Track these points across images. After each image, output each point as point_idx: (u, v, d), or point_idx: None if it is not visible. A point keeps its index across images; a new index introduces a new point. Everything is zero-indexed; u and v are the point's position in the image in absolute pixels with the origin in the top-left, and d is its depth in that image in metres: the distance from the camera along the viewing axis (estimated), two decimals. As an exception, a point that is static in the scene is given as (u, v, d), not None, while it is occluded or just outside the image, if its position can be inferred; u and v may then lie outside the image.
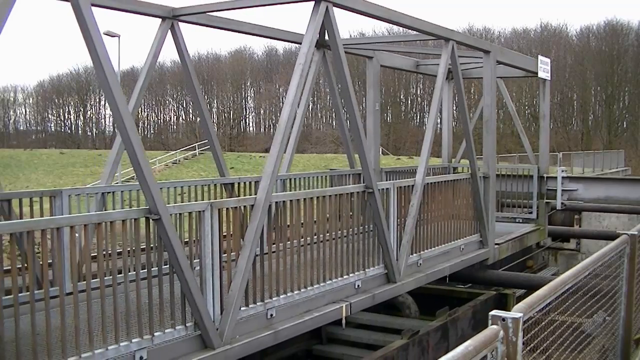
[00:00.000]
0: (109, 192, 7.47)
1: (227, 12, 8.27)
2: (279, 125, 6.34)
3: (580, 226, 20.67)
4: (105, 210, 7.33)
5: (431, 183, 9.00)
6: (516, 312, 2.97)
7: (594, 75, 65.20)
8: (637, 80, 63.44)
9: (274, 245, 6.50)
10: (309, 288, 6.82)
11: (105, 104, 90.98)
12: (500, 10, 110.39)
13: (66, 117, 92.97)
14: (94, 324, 4.90)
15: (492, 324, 2.87)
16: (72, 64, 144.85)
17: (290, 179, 10.06)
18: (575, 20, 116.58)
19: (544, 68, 12.79)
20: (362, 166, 7.66)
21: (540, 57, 12.82)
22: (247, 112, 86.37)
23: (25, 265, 5.77)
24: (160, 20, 7.98)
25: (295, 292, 6.65)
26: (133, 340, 5.07)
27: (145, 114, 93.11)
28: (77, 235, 5.67)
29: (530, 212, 13.21)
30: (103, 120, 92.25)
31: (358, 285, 7.61)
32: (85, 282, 4.84)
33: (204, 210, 5.56)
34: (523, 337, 3.04)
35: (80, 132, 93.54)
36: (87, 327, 4.85)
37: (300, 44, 9.32)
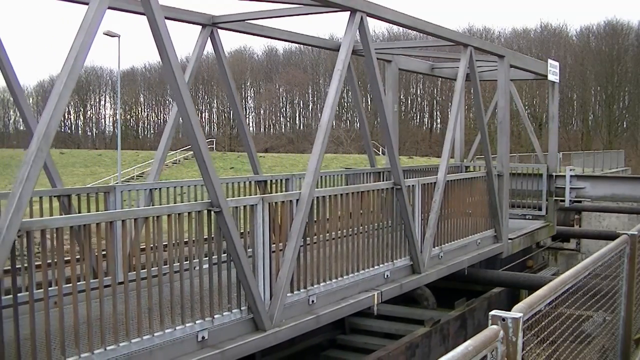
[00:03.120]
0: (156, 189, 7.97)
1: (261, 20, 8.81)
2: (320, 127, 6.87)
3: (580, 226, 21.03)
4: (152, 205, 7.83)
5: (451, 181, 9.52)
6: (516, 312, 2.99)
7: (594, 75, 65.61)
8: (637, 80, 63.88)
9: (315, 237, 7.01)
10: (344, 277, 7.34)
11: (105, 104, 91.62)
12: (500, 10, 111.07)
13: (66, 117, 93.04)
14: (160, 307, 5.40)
15: (492, 324, 2.87)
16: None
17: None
18: (575, 20, 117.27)
19: (553, 71, 13.33)
20: (390, 164, 8.19)
21: (549, 61, 13.36)
22: (247, 112, 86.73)
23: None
24: (200, 27, 8.51)
25: (333, 280, 7.17)
26: (196, 322, 5.59)
27: (146, 114, 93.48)
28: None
29: (540, 209, 13.74)
30: (103, 120, 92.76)
31: (387, 275, 8.13)
32: (157, 267, 5.35)
33: (256, 204, 6.08)
34: (527, 333, 3.14)
35: (80, 132, 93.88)
36: (158, 310, 5.37)
37: (328, 49, 9.87)
